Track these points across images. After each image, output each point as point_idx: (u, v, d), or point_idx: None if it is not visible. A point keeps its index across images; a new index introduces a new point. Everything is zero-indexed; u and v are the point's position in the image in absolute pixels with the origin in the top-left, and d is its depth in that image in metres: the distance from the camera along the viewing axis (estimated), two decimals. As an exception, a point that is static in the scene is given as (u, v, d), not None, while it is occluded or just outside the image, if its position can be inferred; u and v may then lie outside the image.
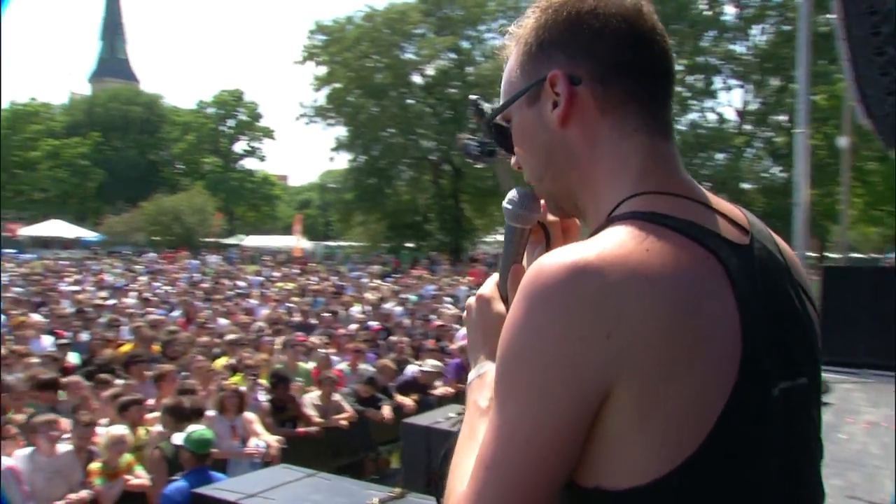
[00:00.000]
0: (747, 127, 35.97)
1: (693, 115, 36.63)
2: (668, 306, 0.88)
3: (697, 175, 37.16)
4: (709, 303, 0.91)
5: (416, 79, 42.95)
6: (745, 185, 34.57)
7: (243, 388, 7.40)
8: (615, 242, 0.93)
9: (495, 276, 1.20)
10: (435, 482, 1.04)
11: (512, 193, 1.20)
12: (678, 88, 36.64)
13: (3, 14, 2.20)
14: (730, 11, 35.25)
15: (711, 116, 37.05)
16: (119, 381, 7.48)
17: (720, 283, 0.93)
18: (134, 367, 8.08)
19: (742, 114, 36.30)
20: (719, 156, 35.09)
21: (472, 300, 1.22)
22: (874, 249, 43.12)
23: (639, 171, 1.03)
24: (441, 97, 41.29)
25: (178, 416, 5.93)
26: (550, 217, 1.21)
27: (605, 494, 0.91)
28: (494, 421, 0.93)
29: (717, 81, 36.17)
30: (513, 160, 1.17)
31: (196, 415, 6.16)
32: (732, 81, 36.13)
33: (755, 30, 35.07)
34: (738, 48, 35.65)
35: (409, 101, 42.10)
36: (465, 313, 1.23)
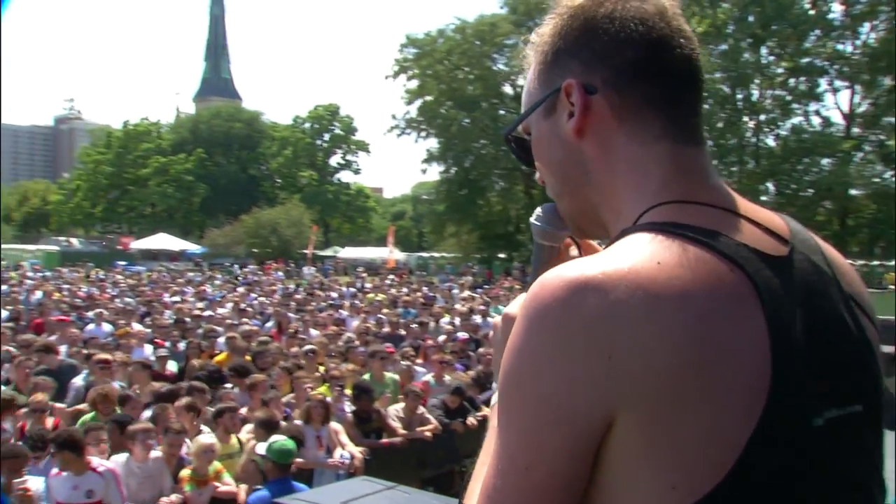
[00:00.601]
0: (856, 130, 34.34)
1: (796, 120, 35.28)
2: (680, 328, 0.80)
3: (801, 182, 35.90)
4: (730, 323, 0.82)
5: (508, 89, 42.97)
6: (854, 192, 32.99)
7: (329, 399, 7.47)
8: (622, 256, 0.85)
9: (522, 295, 1.13)
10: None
11: (539, 209, 1.13)
12: (779, 92, 35.45)
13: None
14: (836, 9, 33.82)
15: (816, 120, 35.60)
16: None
17: (746, 299, 0.83)
18: (231, 376, 8.31)
19: (850, 116, 34.69)
20: (824, 161, 33.63)
21: (497, 319, 1.14)
22: None
23: (661, 182, 0.95)
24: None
25: (269, 427, 6.01)
26: None
27: None
28: (496, 448, 0.88)
29: (822, 83, 34.75)
30: (537, 175, 1.11)
31: (277, 426, 6.25)
32: (839, 83, 34.62)
33: (865, 27, 33.52)
34: (846, 48, 34.15)
35: (500, 111, 42.12)
36: (491, 332, 1.16)
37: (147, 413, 6.86)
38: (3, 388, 7.57)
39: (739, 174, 35.31)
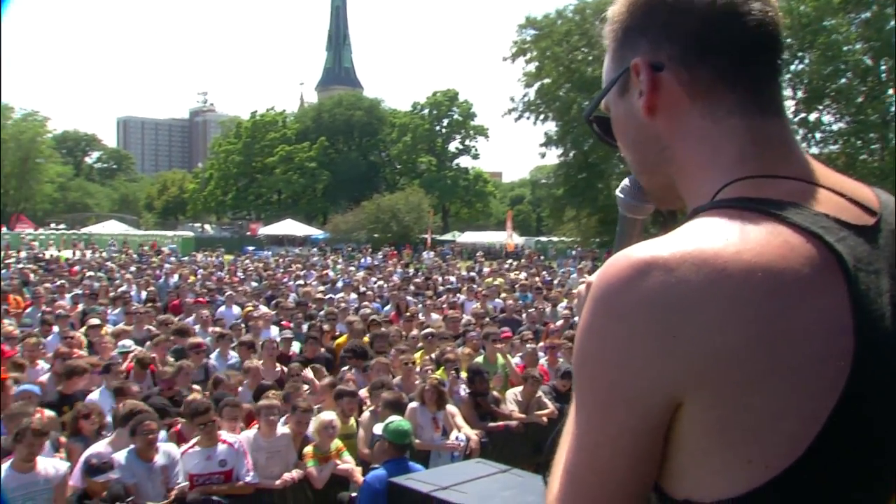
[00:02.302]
0: None
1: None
2: (748, 304, 0.78)
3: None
4: (805, 296, 0.79)
5: (628, 69, 41.88)
6: None
7: (446, 382, 7.57)
8: (689, 235, 0.84)
9: None
10: (543, 468, 1.01)
11: (625, 182, 1.11)
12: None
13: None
14: None
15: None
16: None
17: (824, 270, 0.80)
18: (350, 358, 8.57)
19: None
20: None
21: (581, 287, 1.14)
22: None
23: (736, 157, 0.92)
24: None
25: (395, 407, 6.14)
26: None
27: None
28: (571, 425, 0.90)
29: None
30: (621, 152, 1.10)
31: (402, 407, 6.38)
32: None
33: None
34: None
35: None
36: (575, 301, 1.16)
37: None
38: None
39: (882, 152, 33.11)
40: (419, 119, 68.73)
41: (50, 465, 5.34)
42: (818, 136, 33.43)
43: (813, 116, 33.63)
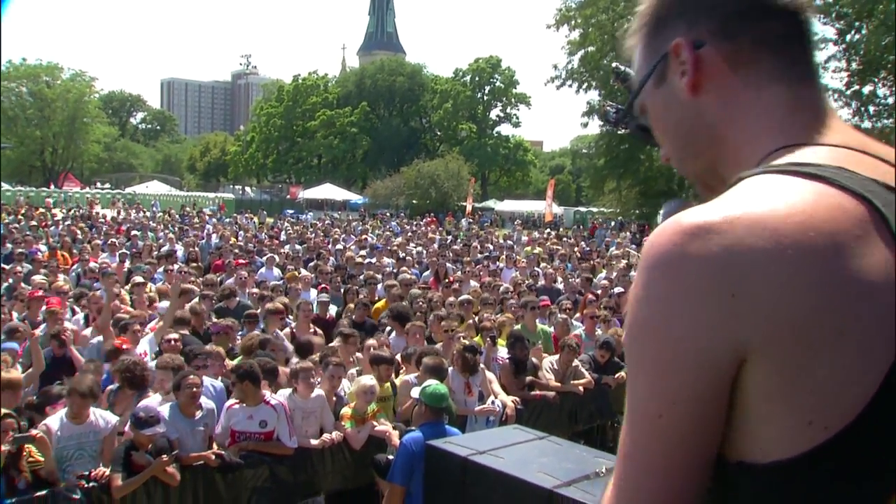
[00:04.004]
0: None
1: None
2: (807, 267, 0.79)
3: None
4: (859, 258, 0.79)
5: (674, 38, 41.03)
6: None
7: (483, 348, 7.59)
8: (738, 198, 0.85)
9: None
10: None
11: (666, 206, 1.09)
12: None
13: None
14: None
15: None
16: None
17: (875, 232, 0.81)
18: (391, 321, 8.64)
19: None
20: None
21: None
22: None
23: (780, 125, 0.94)
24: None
25: (436, 372, 6.18)
26: None
27: (749, 469, 0.84)
28: (629, 399, 0.89)
29: None
30: (661, 153, 1.10)
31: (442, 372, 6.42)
32: None
33: None
34: None
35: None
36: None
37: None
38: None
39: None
40: (461, 86, 68.25)
41: (101, 417, 5.51)
42: (871, 109, 32.46)
43: (867, 89, 32.66)
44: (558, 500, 3.67)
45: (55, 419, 5.38)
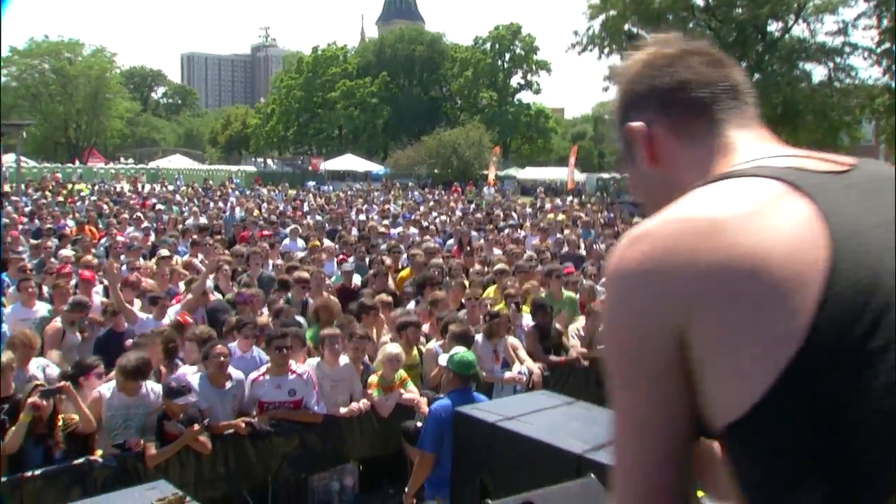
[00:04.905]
0: None
1: None
2: (724, 247, 0.92)
3: None
4: (763, 224, 0.93)
5: (698, 0, 40.22)
6: None
7: (508, 315, 7.58)
8: (670, 208, 1.02)
9: None
10: None
11: None
12: None
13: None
14: None
15: None
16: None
17: (788, 195, 0.96)
18: (416, 290, 8.65)
19: None
20: None
21: None
22: None
23: (717, 165, 1.13)
24: (724, 19, 38.33)
25: (462, 340, 6.18)
26: None
27: (726, 432, 0.95)
28: (612, 400, 1.05)
29: None
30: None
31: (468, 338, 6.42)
32: None
33: None
34: None
35: (689, 24, 39.60)
36: None
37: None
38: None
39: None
40: (481, 54, 67.63)
41: (153, 391, 5.57)
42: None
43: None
44: (588, 465, 3.67)
45: (107, 388, 5.46)
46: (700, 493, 1.11)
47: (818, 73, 36.12)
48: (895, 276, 0.91)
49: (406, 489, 5.29)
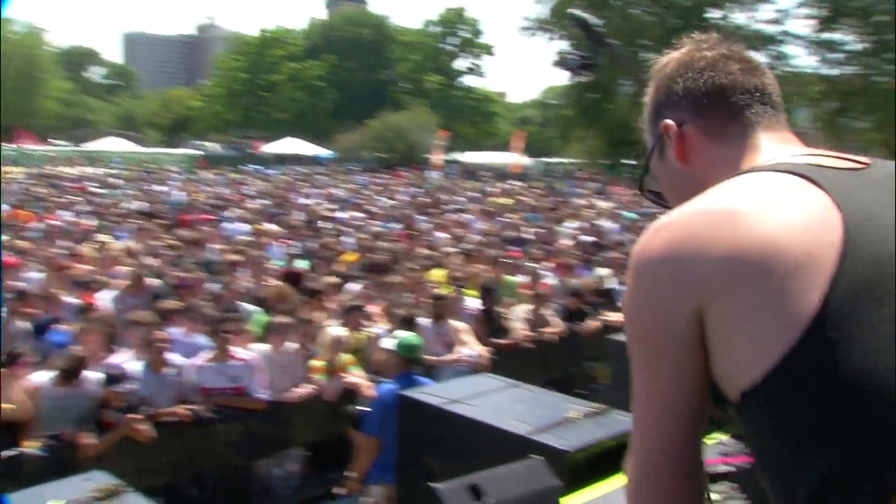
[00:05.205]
0: None
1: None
2: (722, 231, 1.02)
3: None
4: (779, 212, 1.02)
5: (643, -12, 40.59)
6: None
7: (454, 298, 7.58)
8: (692, 201, 1.11)
9: None
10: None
11: None
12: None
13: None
14: None
15: None
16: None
17: (804, 187, 1.05)
18: (362, 273, 8.60)
19: None
20: None
21: None
22: None
23: (742, 164, 1.21)
24: (669, 6, 38.81)
25: (408, 324, 6.17)
26: None
27: (740, 399, 1.02)
28: (634, 379, 1.14)
29: None
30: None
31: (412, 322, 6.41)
32: None
33: None
34: None
35: (634, 10, 39.98)
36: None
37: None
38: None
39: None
40: (425, 36, 67.32)
41: (90, 378, 5.40)
42: (835, 56, 32.61)
43: (836, 36, 32.77)
44: (533, 447, 3.70)
45: (43, 376, 5.28)
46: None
47: (763, 61, 36.84)
48: None
49: (350, 474, 5.27)
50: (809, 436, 0.96)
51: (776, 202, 1.03)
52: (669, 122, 1.28)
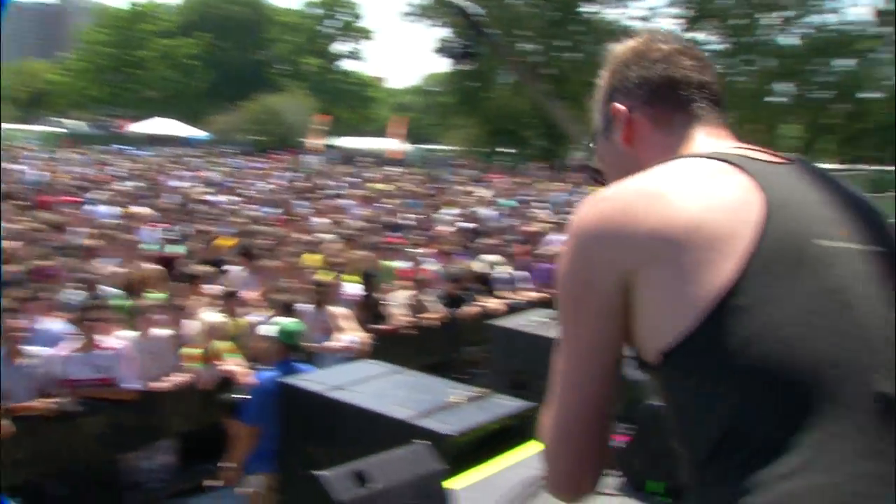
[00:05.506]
0: (888, 29, 32.96)
1: (822, 18, 34.05)
2: (670, 210, 1.11)
3: (813, 83, 34.63)
4: (716, 187, 1.14)
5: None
6: (870, 94, 32.20)
7: (334, 284, 7.50)
8: (628, 179, 1.21)
9: None
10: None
11: None
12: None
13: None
14: None
15: (837, 18, 34.34)
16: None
17: (733, 173, 1.16)
18: (239, 259, 8.36)
19: (882, 14, 33.26)
20: (843, 62, 32.68)
21: None
22: None
23: (680, 152, 1.30)
24: (547, -1, 39.68)
25: (287, 309, 6.05)
26: None
27: (660, 358, 1.11)
28: (559, 336, 1.25)
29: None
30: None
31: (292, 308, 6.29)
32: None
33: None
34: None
35: (511, 1, 40.64)
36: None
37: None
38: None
39: (754, 73, 34.42)
40: (303, 18, 66.03)
41: None
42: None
43: (700, 36, 34.47)
44: (416, 431, 3.71)
45: None
46: None
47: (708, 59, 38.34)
48: (814, 237, 1.10)
49: (226, 464, 5.13)
50: (712, 396, 1.05)
51: (703, 184, 1.14)
52: (621, 106, 1.38)
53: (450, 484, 2.98)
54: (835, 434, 0.98)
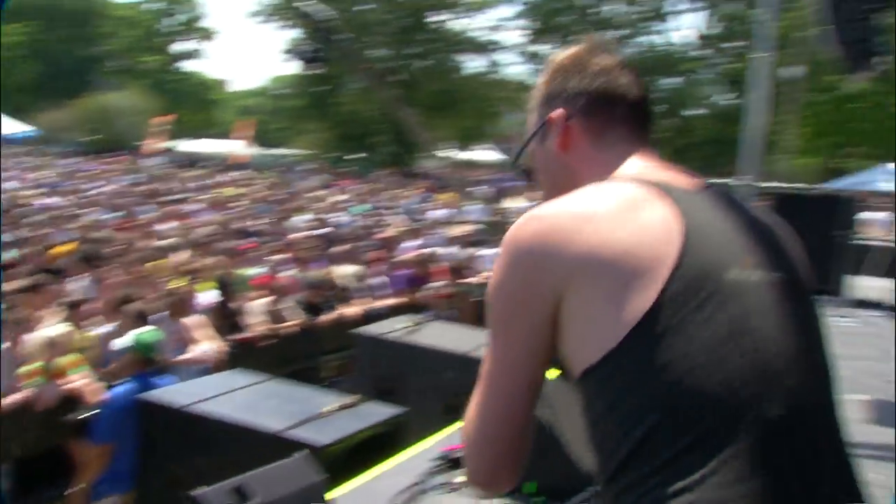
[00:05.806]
0: (709, 51, 35.60)
1: (648, 38, 36.29)
2: (599, 234, 1.16)
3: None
4: (641, 213, 1.19)
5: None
6: (695, 111, 34.63)
7: (187, 292, 7.18)
8: (562, 199, 1.26)
9: None
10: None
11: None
12: (633, 8, 36.13)
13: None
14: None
15: (666, 40, 36.73)
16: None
17: (656, 199, 1.21)
18: (81, 266, 7.83)
19: (704, 37, 35.91)
20: (670, 80, 34.97)
21: None
22: (816, 180, 44.02)
23: (614, 170, 1.36)
24: (397, 5, 39.86)
25: (141, 319, 5.70)
26: None
27: (582, 375, 1.18)
28: (486, 348, 1.30)
29: (673, 3, 35.76)
30: (539, 187, 1.52)
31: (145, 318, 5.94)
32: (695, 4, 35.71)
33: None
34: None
35: (360, 7, 40.55)
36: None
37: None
38: None
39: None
40: (140, 13, 62.96)
41: None
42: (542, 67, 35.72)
43: (545, 48, 35.82)
44: (288, 442, 3.60)
45: None
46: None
47: (480, 65, 39.41)
48: (725, 268, 1.17)
49: (73, 488, 4.78)
50: (625, 414, 1.13)
51: (632, 209, 1.19)
52: (557, 113, 1.41)
53: (327, 496, 2.92)
54: (731, 455, 1.07)
